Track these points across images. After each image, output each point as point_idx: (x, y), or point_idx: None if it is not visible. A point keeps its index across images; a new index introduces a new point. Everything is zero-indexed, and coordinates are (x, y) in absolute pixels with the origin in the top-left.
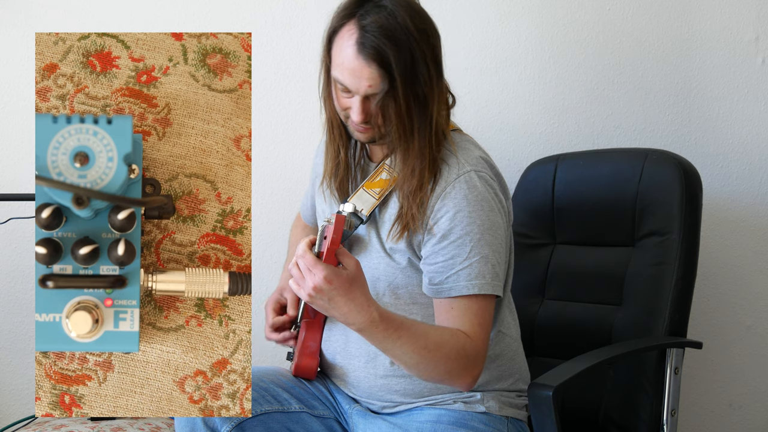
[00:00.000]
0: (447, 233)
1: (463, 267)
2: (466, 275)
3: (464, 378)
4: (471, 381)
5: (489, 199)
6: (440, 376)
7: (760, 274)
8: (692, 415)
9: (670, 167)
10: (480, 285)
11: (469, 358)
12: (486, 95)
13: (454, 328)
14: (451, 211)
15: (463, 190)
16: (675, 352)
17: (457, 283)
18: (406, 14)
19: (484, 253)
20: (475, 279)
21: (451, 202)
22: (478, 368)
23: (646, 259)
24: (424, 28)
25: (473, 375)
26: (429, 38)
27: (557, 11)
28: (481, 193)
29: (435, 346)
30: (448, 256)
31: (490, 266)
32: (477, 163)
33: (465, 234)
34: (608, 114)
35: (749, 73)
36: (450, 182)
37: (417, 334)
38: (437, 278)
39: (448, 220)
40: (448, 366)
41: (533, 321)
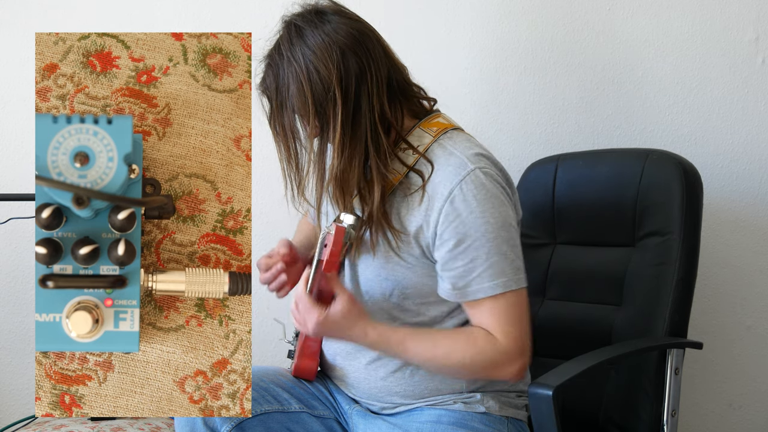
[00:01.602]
0: (463, 237)
1: (484, 269)
2: (488, 276)
3: (499, 376)
4: (511, 377)
5: (498, 194)
6: (467, 377)
7: (760, 274)
8: (692, 415)
9: (670, 167)
10: (504, 283)
11: (493, 360)
12: (486, 95)
13: (478, 329)
14: (463, 214)
15: (472, 191)
16: (675, 352)
17: (482, 285)
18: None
19: (503, 251)
20: (497, 278)
21: (462, 205)
22: (513, 365)
23: (647, 259)
24: (298, 45)
25: (511, 372)
26: (303, 56)
27: (557, 11)
28: (489, 190)
29: (444, 356)
30: (468, 259)
31: (509, 262)
32: (479, 160)
33: (481, 235)
34: (608, 114)
35: (749, 73)
36: (456, 184)
37: (423, 345)
38: (460, 283)
39: (462, 224)
40: (467, 371)
41: (533, 321)
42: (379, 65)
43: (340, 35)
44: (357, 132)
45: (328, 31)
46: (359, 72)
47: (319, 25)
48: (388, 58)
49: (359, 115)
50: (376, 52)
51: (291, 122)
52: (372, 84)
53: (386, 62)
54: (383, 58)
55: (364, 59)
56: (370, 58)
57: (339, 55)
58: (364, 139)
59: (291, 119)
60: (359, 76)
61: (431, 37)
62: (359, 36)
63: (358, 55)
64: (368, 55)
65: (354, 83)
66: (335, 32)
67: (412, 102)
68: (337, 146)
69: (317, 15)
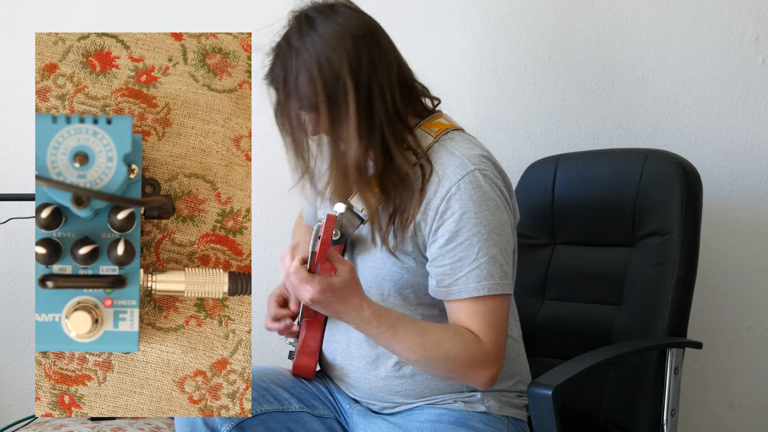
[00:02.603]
0: (454, 235)
1: (471, 269)
2: (475, 277)
3: (474, 377)
4: (485, 380)
5: (495, 197)
6: (444, 374)
7: (760, 274)
8: (692, 415)
9: (670, 167)
10: (490, 285)
11: (475, 359)
12: (486, 95)
13: (462, 327)
14: (457, 213)
15: (469, 191)
16: (675, 352)
17: (467, 285)
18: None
19: (492, 254)
20: (484, 280)
21: (457, 204)
22: (489, 368)
23: (646, 259)
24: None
25: (486, 375)
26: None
27: (557, 11)
28: (486, 192)
29: (432, 345)
30: (456, 258)
31: (498, 266)
32: (480, 161)
33: (472, 235)
34: (608, 114)
35: (749, 73)
36: (454, 183)
37: (414, 332)
38: (446, 281)
39: (455, 222)
40: (449, 365)
41: (533, 321)
42: (390, 59)
43: (352, 25)
44: (372, 123)
45: (340, 22)
46: (370, 64)
47: (330, 16)
48: (396, 54)
49: (372, 106)
50: (387, 46)
51: (298, 114)
52: (383, 77)
53: (396, 57)
54: (393, 53)
55: (375, 52)
56: (381, 52)
57: (351, 45)
58: (380, 130)
59: (298, 111)
60: (370, 67)
61: (431, 37)
62: (371, 29)
63: (369, 46)
64: (379, 49)
65: (366, 74)
66: (347, 22)
67: (417, 101)
68: (353, 136)
69: (329, 7)
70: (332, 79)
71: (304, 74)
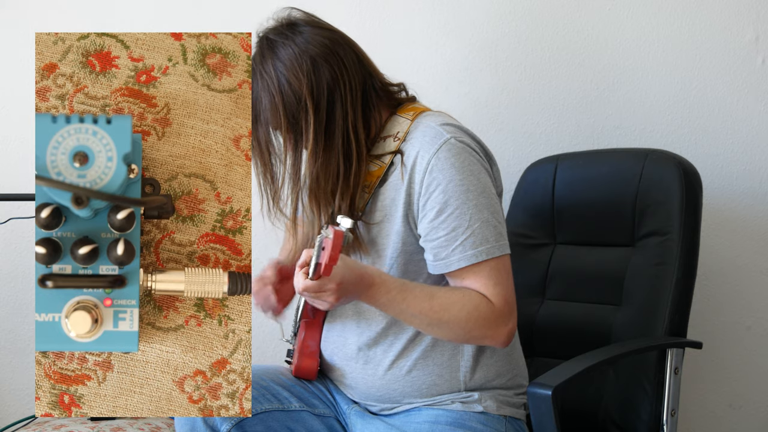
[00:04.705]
0: (443, 207)
1: (466, 236)
2: (471, 244)
3: (491, 336)
4: (503, 338)
5: (474, 161)
6: (461, 337)
7: (760, 274)
8: (692, 415)
9: (670, 167)
10: (487, 250)
11: (488, 317)
12: (486, 95)
13: (470, 289)
14: (442, 183)
15: (449, 159)
16: (675, 352)
17: (464, 253)
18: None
19: (484, 217)
20: (480, 245)
21: (441, 174)
22: (504, 325)
23: (646, 259)
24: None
25: (503, 332)
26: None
27: (557, 11)
28: (466, 158)
29: (441, 308)
30: (449, 228)
31: (491, 228)
32: (454, 131)
33: (462, 203)
34: (608, 114)
35: (749, 73)
36: (433, 153)
37: (421, 295)
38: (443, 253)
39: (441, 193)
40: (462, 327)
41: (533, 321)
42: (353, 73)
43: (311, 45)
44: (331, 140)
45: (299, 42)
46: (331, 80)
47: (290, 37)
48: (362, 66)
49: (333, 124)
50: (349, 60)
51: (266, 136)
52: (345, 91)
53: (360, 69)
54: (356, 66)
55: (336, 68)
56: (343, 67)
57: (309, 65)
58: (338, 147)
59: (266, 133)
60: (331, 84)
61: (431, 36)
62: (331, 45)
63: (330, 63)
64: (341, 64)
65: (326, 92)
66: (306, 42)
67: (391, 99)
68: (311, 155)
69: (289, 27)
70: (293, 102)
71: (266, 98)
